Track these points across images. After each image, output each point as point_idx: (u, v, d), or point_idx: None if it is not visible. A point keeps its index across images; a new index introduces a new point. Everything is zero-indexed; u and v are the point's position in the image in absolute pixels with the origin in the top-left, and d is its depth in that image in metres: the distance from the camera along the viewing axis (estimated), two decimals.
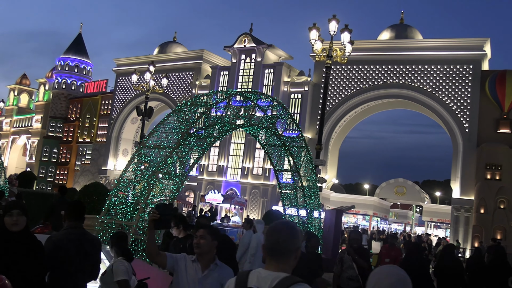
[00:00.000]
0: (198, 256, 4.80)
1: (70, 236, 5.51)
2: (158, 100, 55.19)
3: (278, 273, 2.88)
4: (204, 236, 4.78)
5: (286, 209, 16.23)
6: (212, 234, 4.83)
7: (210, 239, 4.79)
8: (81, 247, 5.49)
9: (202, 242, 4.76)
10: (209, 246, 4.77)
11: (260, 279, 2.90)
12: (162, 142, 10.08)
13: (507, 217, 36.37)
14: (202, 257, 4.76)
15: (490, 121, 39.33)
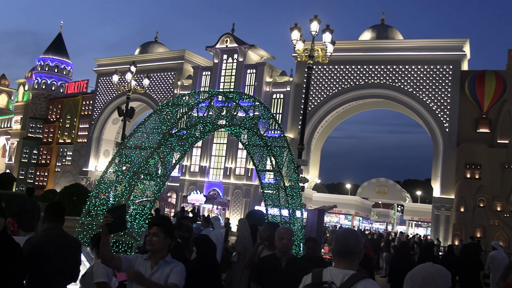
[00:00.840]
0: (151, 253, 4.77)
1: (49, 237, 5.45)
2: (140, 101, 54.88)
3: (347, 271, 3.55)
4: (157, 233, 4.74)
5: (269, 209, 16.23)
6: (165, 232, 4.78)
7: (163, 237, 4.75)
8: (60, 249, 5.43)
9: (155, 239, 4.72)
10: (161, 244, 4.74)
11: (332, 275, 3.55)
12: (143, 142, 10.01)
13: (486, 215, 36.85)
14: (154, 254, 4.74)
15: (469, 121, 39.83)
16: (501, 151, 37.50)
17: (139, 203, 9.84)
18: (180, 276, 4.69)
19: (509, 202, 36.63)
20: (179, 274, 4.68)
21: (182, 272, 4.73)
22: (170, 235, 4.85)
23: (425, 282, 3.28)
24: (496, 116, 39.01)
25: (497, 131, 38.68)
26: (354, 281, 3.43)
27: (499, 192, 37.10)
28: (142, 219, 9.21)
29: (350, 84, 44.29)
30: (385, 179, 55.30)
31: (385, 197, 55.62)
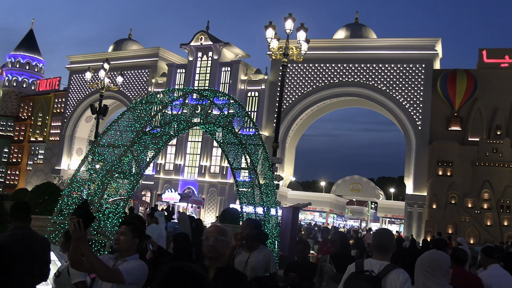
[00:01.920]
0: (118, 252, 4.70)
1: (15, 236, 5.35)
2: (113, 98, 54.33)
3: (382, 262, 4.59)
4: (125, 232, 4.68)
5: (243, 207, 16.23)
6: (134, 231, 4.71)
7: (131, 236, 4.68)
8: (27, 248, 5.33)
9: (122, 238, 4.66)
10: (128, 244, 4.67)
11: (372, 265, 4.57)
12: (117, 140, 9.91)
13: (458, 212, 37.48)
14: (121, 253, 4.67)
15: (441, 119, 40.44)
16: (472, 149, 38.17)
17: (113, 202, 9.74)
18: (130, 267, 4.50)
19: (480, 198, 37.33)
20: (129, 265, 4.53)
21: (134, 266, 4.55)
22: (139, 235, 4.77)
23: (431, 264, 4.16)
24: (467, 114, 39.69)
25: (468, 129, 39.36)
26: (389, 270, 4.47)
27: (470, 189, 37.78)
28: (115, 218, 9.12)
29: (325, 82, 44.55)
30: (359, 177, 55.75)
31: (359, 194, 56.08)
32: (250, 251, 6.56)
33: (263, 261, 6.61)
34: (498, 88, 39.12)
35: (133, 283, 4.50)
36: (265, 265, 6.64)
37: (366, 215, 68.72)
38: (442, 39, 43.23)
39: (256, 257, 6.58)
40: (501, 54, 40.47)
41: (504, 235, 35.81)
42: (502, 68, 39.84)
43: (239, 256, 6.62)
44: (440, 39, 42.81)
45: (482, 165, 37.61)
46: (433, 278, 4.10)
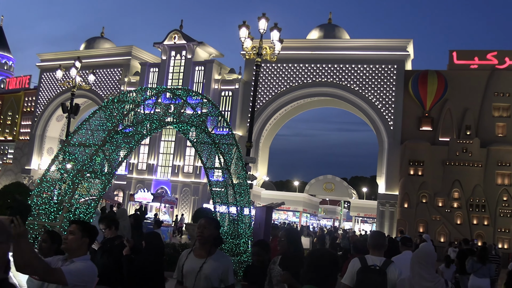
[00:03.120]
0: (67, 252, 4.52)
1: None
2: (85, 97, 53.64)
3: (380, 258, 5.64)
4: (73, 231, 4.52)
5: (217, 206, 16.19)
6: (84, 230, 4.55)
7: (80, 235, 4.51)
8: None
9: (70, 238, 4.49)
10: (77, 243, 4.49)
11: (373, 261, 5.56)
12: (88, 139, 9.77)
13: (429, 211, 38.05)
14: (70, 254, 4.48)
15: (413, 119, 41.00)
16: (443, 149, 38.79)
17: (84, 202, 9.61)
18: (74, 268, 4.27)
19: (450, 198, 37.95)
20: (73, 267, 4.31)
21: (80, 268, 4.32)
22: (89, 235, 4.59)
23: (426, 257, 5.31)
24: (438, 115, 40.31)
25: (439, 129, 39.98)
26: (388, 264, 5.54)
27: (440, 188, 38.38)
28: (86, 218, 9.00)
29: (298, 82, 44.74)
30: (332, 176, 56.19)
31: (332, 194, 56.53)
32: (206, 256, 5.29)
33: (220, 270, 5.28)
34: (467, 89, 39.84)
35: (77, 285, 4.24)
36: (222, 275, 5.30)
37: (339, 214, 69.26)
38: (413, 41, 43.85)
39: (212, 264, 5.26)
40: (471, 55, 41.22)
41: (474, 233, 36.48)
42: (471, 70, 40.58)
43: (190, 262, 5.34)
44: (411, 41, 43.41)
45: (452, 164, 38.25)
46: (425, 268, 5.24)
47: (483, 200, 37.32)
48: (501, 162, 37.58)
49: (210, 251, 5.32)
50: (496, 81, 39.48)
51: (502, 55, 40.37)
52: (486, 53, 40.97)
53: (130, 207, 44.94)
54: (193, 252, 5.43)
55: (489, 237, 35.45)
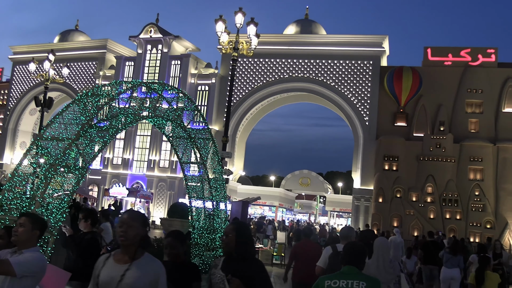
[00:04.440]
0: (16, 244, 4.51)
1: None
2: (59, 91, 52.89)
3: None
4: (23, 224, 4.51)
5: (192, 201, 16.15)
6: (34, 223, 4.55)
7: (31, 228, 4.51)
8: None
9: (20, 230, 4.49)
10: (27, 235, 4.49)
11: (342, 248, 5.73)
12: (61, 133, 9.62)
13: (403, 205, 38.54)
14: (19, 246, 4.48)
15: (388, 115, 41.42)
16: (417, 144, 39.29)
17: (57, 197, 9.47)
18: (22, 259, 4.29)
19: (424, 192, 38.48)
20: (22, 257, 4.33)
21: (28, 259, 4.33)
22: (39, 227, 4.59)
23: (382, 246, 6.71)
24: (413, 111, 40.79)
25: (413, 125, 40.47)
26: None
27: (414, 183, 38.89)
28: (59, 213, 8.88)
29: (275, 77, 44.81)
30: (308, 171, 56.50)
31: (308, 188, 56.87)
32: (130, 261, 4.14)
33: (148, 278, 4.11)
34: (441, 85, 40.38)
35: (26, 275, 4.27)
36: (151, 285, 4.14)
37: (315, 209, 69.73)
38: (389, 37, 44.23)
39: (137, 272, 4.07)
40: (445, 52, 41.76)
41: (446, 227, 37.08)
42: (445, 66, 41.12)
43: (108, 271, 4.12)
44: (387, 37, 43.79)
45: (426, 160, 38.77)
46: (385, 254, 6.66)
47: (455, 194, 37.93)
48: (473, 157, 38.22)
49: (135, 255, 4.12)
50: (469, 77, 40.10)
51: (475, 52, 40.99)
52: (459, 50, 41.55)
53: (104, 202, 44.55)
54: (112, 257, 4.20)
55: (461, 231, 36.07)
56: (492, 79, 39.81)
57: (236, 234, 4.68)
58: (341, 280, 4.74)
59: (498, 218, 37.33)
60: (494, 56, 40.56)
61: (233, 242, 4.62)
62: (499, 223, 37.20)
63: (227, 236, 4.71)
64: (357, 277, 4.76)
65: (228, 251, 4.69)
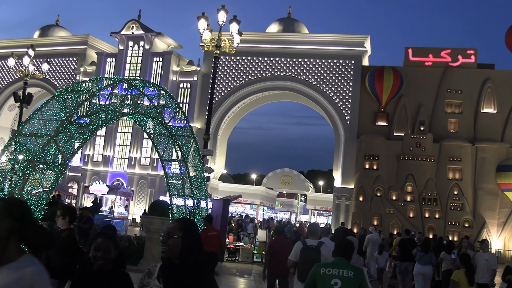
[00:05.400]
0: None
1: None
2: (39, 87, 52.23)
3: (316, 240, 8.07)
4: None
5: (173, 199, 16.09)
6: None
7: None
8: None
9: None
10: None
11: (311, 242, 7.99)
12: (40, 129, 9.52)
13: (383, 204, 38.83)
14: None
15: (369, 114, 41.68)
16: (397, 143, 39.61)
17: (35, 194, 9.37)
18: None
19: (404, 191, 38.82)
20: None
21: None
22: None
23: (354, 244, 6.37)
24: (393, 110, 41.11)
25: (394, 124, 40.78)
26: (321, 244, 7.98)
27: (394, 182, 39.21)
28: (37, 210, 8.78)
29: (257, 75, 44.80)
30: (289, 170, 56.63)
31: (289, 187, 57.01)
32: None
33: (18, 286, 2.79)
34: (422, 85, 40.76)
35: None
36: None
37: (296, 207, 69.92)
38: (371, 37, 44.48)
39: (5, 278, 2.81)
40: (426, 53, 42.15)
41: (425, 226, 37.47)
42: (426, 66, 41.51)
43: None
44: (369, 37, 44.04)
45: (406, 159, 39.11)
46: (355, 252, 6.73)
47: (435, 194, 38.33)
48: (452, 157, 38.66)
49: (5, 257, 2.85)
50: (449, 78, 40.53)
51: (455, 53, 41.44)
52: (440, 50, 41.97)
53: (84, 199, 44.15)
54: None
55: (440, 230, 36.47)
56: (471, 80, 40.29)
57: (184, 235, 3.57)
58: (333, 269, 5.66)
59: (476, 217, 37.82)
60: (473, 57, 41.06)
61: (179, 246, 3.53)
62: (477, 222, 37.70)
63: (170, 237, 3.56)
64: (346, 267, 5.67)
65: (169, 256, 3.58)
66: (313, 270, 5.79)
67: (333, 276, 5.60)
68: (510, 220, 37.33)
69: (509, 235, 37.14)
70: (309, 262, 7.30)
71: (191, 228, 3.64)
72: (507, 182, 37.27)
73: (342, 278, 5.56)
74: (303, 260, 7.83)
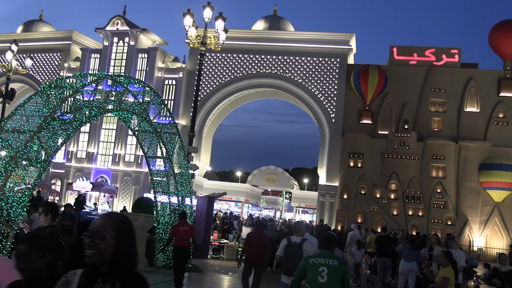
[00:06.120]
0: None
1: None
2: (22, 82, 51.67)
3: (300, 237, 8.86)
4: None
5: (158, 196, 16.03)
6: None
7: None
8: None
9: None
10: None
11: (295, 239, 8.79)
12: (23, 125, 9.42)
13: (367, 202, 39.06)
14: None
15: (354, 112, 41.88)
16: (382, 142, 39.85)
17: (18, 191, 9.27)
18: None
19: (388, 189, 39.08)
20: None
21: None
22: None
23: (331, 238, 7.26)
24: (378, 109, 41.34)
25: (379, 123, 41.02)
26: (304, 241, 8.68)
27: (379, 180, 39.46)
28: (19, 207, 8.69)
29: (243, 72, 44.76)
30: (274, 167, 56.72)
31: (274, 184, 57.10)
32: None
33: None
34: (406, 84, 41.04)
35: None
36: None
37: (281, 205, 70.05)
38: (356, 35, 44.65)
39: None
40: (410, 51, 42.43)
41: (409, 224, 37.76)
42: (410, 65, 41.79)
43: None
44: (354, 35, 44.20)
45: (390, 157, 39.36)
46: None
47: (418, 192, 38.64)
48: (436, 155, 39.00)
49: None
50: (433, 77, 40.85)
51: (439, 52, 41.78)
52: (424, 49, 42.28)
53: (68, 196, 43.80)
54: None
55: (423, 228, 36.78)
56: (455, 79, 40.66)
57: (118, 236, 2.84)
58: (321, 259, 6.60)
59: (458, 215, 38.21)
60: (457, 57, 41.42)
61: (111, 249, 2.80)
62: (460, 219, 38.09)
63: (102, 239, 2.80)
64: (331, 257, 6.65)
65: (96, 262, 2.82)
66: (303, 262, 6.77)
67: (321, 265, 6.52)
68: (492, 218, 37.76)
69: (491, 232, 37.58)
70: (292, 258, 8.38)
71: (127, 227, 2.92)
72: (489, 180, 37.69)
73: (328, 266, 6.50)
74: (287, 256, 8.68)
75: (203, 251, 21.04)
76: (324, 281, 6.45)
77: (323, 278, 6.47)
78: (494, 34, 40.45)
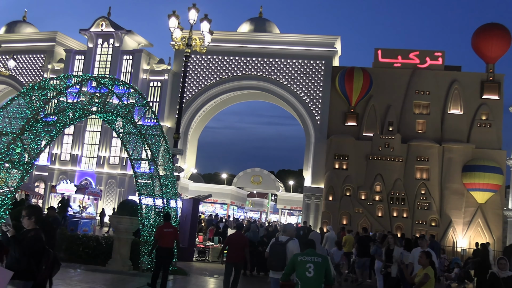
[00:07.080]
0: None
1: None
2: (5, 84, 51.18)
3: (286, 237, 10.06)
4: None
5: (143, 199, 15.94)
6: None
7: None
8: None
9: None
10: None
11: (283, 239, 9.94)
12: (5, 127, 9.31)
13: (352, 203, 39.22)
14: None
15: (339, 114, 42.04)
16: (366, 144, 40.05)
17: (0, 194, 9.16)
18: None
19: (372, 191, 39.27)
20: None
21: None
22: None
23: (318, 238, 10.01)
24: (363, 111, 41.55)
25: (363, 125, 41.22)
26: (289, 240, 9.73)
27: (363, 182, 39.63)
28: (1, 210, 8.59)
29: (228, 75, 44.73)
30: (260, 169, 56.72)
31: (259, 186, 57.10)
32: None
33: None
34: (391, 86, 41.31)
35: None
36: None
37: (266, 207, 70.06)
38: (341, 37, 44.85)
39: None
40: (395, 54, 42.72)
41: (393, 225, 37.97)
42: (395, 68, 42.08)
43: None
44: (339, 37, 44.39)
45: (375, 159, 39.57)
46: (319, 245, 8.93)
47: (402, 193, 38.89)
48: (420, 157, 39.28)
49: None
50: (417, 79, 41.17)
51: (423, 55, 42.12)
52: (409, 52, 42.59)
53: (51, 199, 43.41)
54: None
55: (408, 229, 37.01)
56: (439, 82, 41.01)
57: None
58: (307, 257, 7.65)
59: (442, 216, 38.50)
60: (441, 59, 41.79)
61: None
62: (443, 221, 38.39)
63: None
64: (316, 255, 7.69)
65: None
66: (292, 258, 7.87)
67: (308, 262, 7.60)
68: (475, 219, 38.10)
69: (474, 233, 37.92)
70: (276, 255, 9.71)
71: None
72: (473, 181, 38.05)
73: (314, 263, 7.58)
74: (272, 253, 9.86)
75: (188, 253, 20.97)
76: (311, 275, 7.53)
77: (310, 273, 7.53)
78: (477, 37, 40.89)
